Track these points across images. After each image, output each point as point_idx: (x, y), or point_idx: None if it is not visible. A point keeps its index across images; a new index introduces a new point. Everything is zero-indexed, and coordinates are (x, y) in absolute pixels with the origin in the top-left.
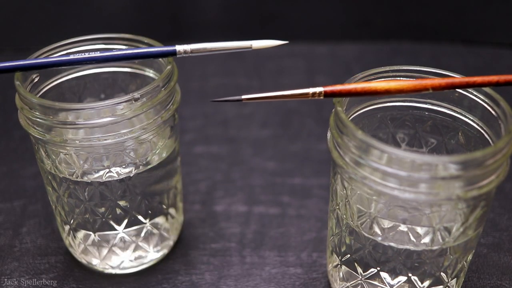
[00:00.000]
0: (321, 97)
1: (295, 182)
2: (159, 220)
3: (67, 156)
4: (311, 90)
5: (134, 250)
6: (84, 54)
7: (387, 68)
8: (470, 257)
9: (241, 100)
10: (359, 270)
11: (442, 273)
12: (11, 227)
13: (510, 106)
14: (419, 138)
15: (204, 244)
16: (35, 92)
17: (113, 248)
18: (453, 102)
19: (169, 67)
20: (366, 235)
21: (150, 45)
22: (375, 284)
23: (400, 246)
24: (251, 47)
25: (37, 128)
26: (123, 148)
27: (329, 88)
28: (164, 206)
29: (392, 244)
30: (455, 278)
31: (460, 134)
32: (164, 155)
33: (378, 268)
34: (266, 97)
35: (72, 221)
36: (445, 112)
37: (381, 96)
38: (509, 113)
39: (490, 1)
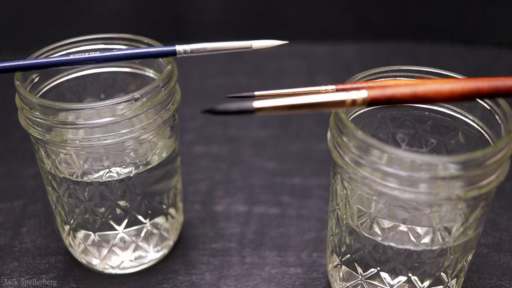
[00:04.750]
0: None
1: (295, 182)
2: (159, 220)
3: (67, 156)
4: (322, 87)
5: (134, 250)
6: (84, 54)
7: (387, 68)
8: (470, 257)
9: (254, 96)
10: (359, 270)
11: (442, 273)
12: (11, 227)
13: (510, 106)
14: (419, 138)
15: (204, 244)
16: (35, 92)
17: (113, 248)
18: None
19: (169, 67)
20: (366, 235)
21: (150, 45)
22: (375, 284)
23: (400, 246)
24: (251, 47)
25: (37, 128)
26: (123, 148)
27: (340, 86)
28: (164, 206)
29: (392, 244)
30: (455, 278)
31: (460, 134)
32: (164, 155)
33: (378, 268)
34: (278, 94)
35: (72, 221)
36: (445, 112)
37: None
38: (509, 113)
39: (490, 1)
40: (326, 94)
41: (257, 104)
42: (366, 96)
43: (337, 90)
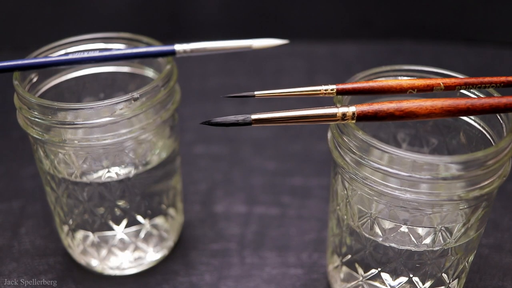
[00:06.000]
0: (332, 95)
1: (295, 182)
2: (159, 220)
3: (66, 156)
4: (323, 87)
5: (134, 251)
6: (83, 54)
7: (388, 68)
8: (471, 258)
9: (254, 96)
10: (360, 271)
11: (443, 274)
12: (10, 227)
13: None
14: (420, 138)
15: (204, 244)
16: (34, 91)
17: (112, 249)
18: None
19: (168, 66)
20: (367, 235)
21: (150, 45)
22: (376, 285)
23: (401, 247)
24: (251, 47)
25: (35, 128)
26: (122, 148)
27: (341, 86)
28: (164, 207)
29: (393, 245)
30: (457, 279)
31: (461, 134)
32: (164, 155)
33: (379, 269)
34: (278, 94)
35: (71, 221)
36: None
37: (393, 94)
38: (511, 113)
39: (491, 0)
40: (319, 108)
41: (254, 116)
42: (355, 110)
43: (338, 90)
